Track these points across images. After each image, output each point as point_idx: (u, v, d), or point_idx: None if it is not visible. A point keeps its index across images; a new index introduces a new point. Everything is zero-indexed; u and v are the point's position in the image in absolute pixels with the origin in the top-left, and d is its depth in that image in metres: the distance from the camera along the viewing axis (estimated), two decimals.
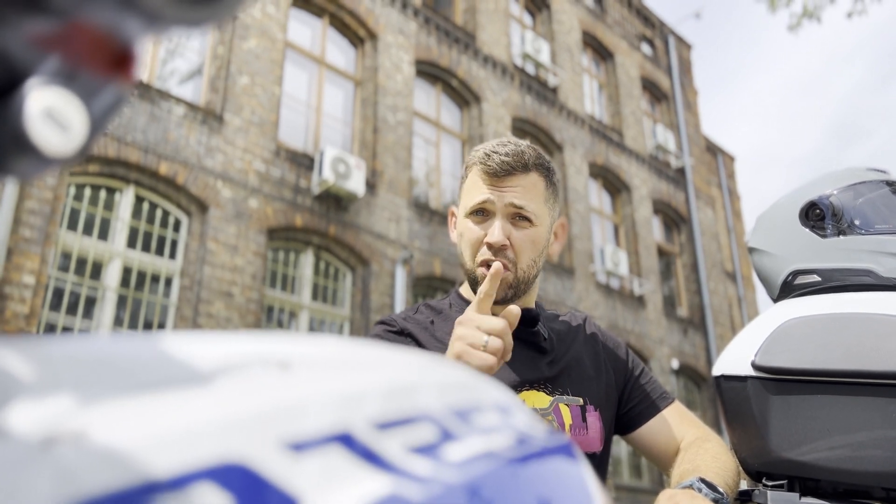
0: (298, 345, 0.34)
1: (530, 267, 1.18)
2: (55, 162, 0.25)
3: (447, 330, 1.17)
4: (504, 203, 1.15)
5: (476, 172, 1.20)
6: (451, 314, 1.22)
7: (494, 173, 1.16)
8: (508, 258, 1.15)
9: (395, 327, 1.18)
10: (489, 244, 1.14)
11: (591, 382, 1.22)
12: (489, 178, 1.17)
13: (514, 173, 1.17)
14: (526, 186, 1.17)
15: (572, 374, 1.20)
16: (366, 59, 9.55)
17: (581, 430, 1.15)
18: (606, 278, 11.88)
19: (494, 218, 1.16)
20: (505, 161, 1.16)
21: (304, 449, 0.26)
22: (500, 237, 1.14)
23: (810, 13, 8.13)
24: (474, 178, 1.20)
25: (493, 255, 1.15)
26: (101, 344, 0.29)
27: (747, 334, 1.24)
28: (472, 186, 1.20)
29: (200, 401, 0.26)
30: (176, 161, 7.03)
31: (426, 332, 1.18)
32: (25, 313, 5.72)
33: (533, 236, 1.18)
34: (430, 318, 1.21)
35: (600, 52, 14.38)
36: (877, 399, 1.04)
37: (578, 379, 1.20)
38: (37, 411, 0.23)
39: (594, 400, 1.19)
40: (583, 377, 1.21)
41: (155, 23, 0.23)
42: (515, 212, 1.16)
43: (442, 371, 0.38)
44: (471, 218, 1.18)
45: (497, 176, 1.16)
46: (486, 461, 0.33)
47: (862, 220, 1.23)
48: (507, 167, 1.16)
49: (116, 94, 0.25)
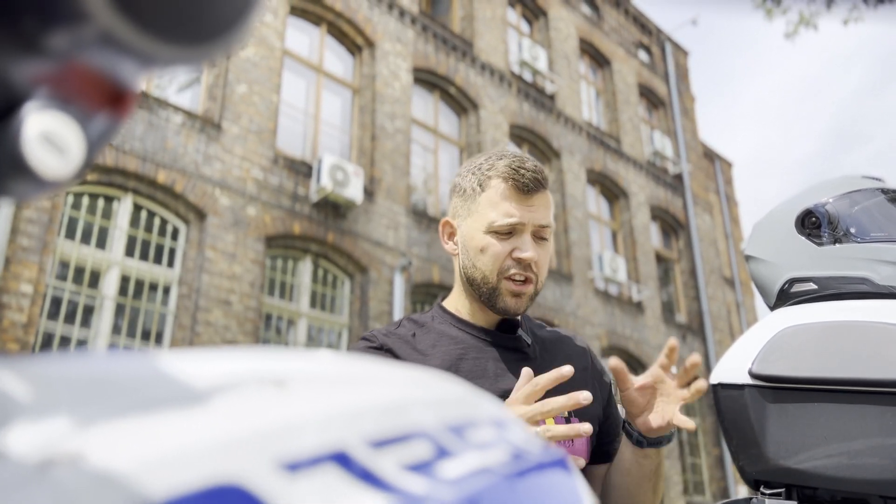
0: (294, 362, 0.34)
1: (544, 281, 1.22)
2: (52, 185, 0.25)
3: (429, 342, 1.18)
4: (535, 223, 1.17)
5: (501, 187, 1.18)
6: (433, 326, 1.22)
7: (526, 189, 1.17)
8: (532, 272, 1.17)
9: (375, 343, 1.18)
10: (521, 259, 1.15)
11: None
12: (519, 194, 1.17)
13: (540, 190, 1.18)
14: (547, 205, 1.20)
15: (560, 387, 1.20)
16: (364, 66, 9.57)
17: (566, 443, 1.14)
18: (605, 285, 11.88)
19: (521, 235, 1.17)
20: (535, 178, 1.17)
21: (299, 469, 0.26)
22: (534, 254, 1.16)
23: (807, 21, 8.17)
24: (500, 192, 1.17)
25: (522, 270, 1.16)
26: (97, 363, 0.29)
27: (744, 343, 1.24)
28: (496, 202, 1.17)
29: (196, 421, 0.26)
30: (174, 169, 7.03)
31: (407, 345, 1.18)
32: (23, 322, 5.71)
33: (550, 252, 1.22)
34: (411, 332, 1.21)
35: (597, 59, 14.42)
36: (874, 407, 1.04)
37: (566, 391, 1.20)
38: (34, 433, 0.23)
39: (580, 413, 1.18)
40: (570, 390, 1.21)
41: (150, 63, 0.24)
42: (541, 230, 1.18)
43: (436, 387, 0.38)
44: (494, 235, 1.17)
45: (526, 192, 1.17)
46: (481, 477, 0.33)
47: (858, 229, 1.24)
48: (536, 184, 1.17)
49: (113, 120, 0.26)
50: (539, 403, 0.97)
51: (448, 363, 1.15)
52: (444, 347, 1.17)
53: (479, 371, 1.15)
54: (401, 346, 1.18)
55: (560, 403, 0.96)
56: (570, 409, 0.97)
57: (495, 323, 1.23)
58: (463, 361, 1.15)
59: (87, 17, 0.22)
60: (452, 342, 1.19)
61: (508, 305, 1.17)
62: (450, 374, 1.14)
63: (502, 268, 1.16)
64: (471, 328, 1.22)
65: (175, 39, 0.23)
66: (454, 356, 1.16)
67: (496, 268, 1.17)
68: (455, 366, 1.15)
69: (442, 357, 1.16)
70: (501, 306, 1.17)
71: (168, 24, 0.23)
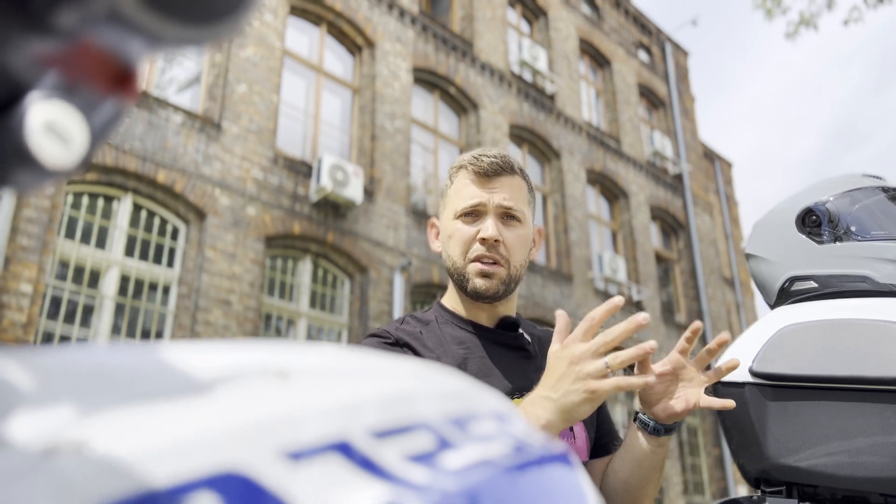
0: (296, 354, 0.34)
1: (521, 265, 1.21)
2: (56, 175, 0.25)
3: (435, 341, 1.19)
4: (495, 203, 1.19)
5: (464, 175, 1.23)
6: (437, 325, 1.23)
7: (485, 173, 1.20)
8: (501, 255, 1.18)
9: (390, 339, 1.18)
10: (483, 239, 1.17)
11: None
12: (479, 178, 1.21)
13: (503, 174, 1.21)
14: (513, 188, 1.21)
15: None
16: (363, 66, 9.57)
17: (569, 439, 1.15)
18: (605, 285, 11.89)
19: (485, 217, 1.19)
20: (494, 162, 1.20)
21: (302, 458, 0.27)
22: (494, 231, 1.16)
23: (807, 21, 8.17)
24: (463, 181, 1.23)
25: (486, 251, 1.17)
26: (101, 354, 0.29)
27: (744, 341, 1.24)
28: (460, 189, 1.22)
29: (199, 410, 0.26)
30: (174, 169, 7.03)
31: (417, 341, 1.18)
32: (23, 322, 5.71)
33: (523, 235, 1.21)
34: (418, 329, 1.22)
35: (597, 59, 14.43)
36: (874, 405, 1.04)
37: None
38: (37, 422, 0.23)
39: None
40: None
41: (156, 43, 0.24)
42: (505, 211, 1.20)
43: (439, 379, 0.38)
44: (461, 219, 1.21)
45: (487, 176, 1.20)
46: (483, 469, 0.33)
47: (858, 227, 1.24)
48: (496, 167, 1.20)
49: (117, 107, 0.26)
50: (600, 335, 0.93)
51: (455, 364, 1.15)
52: (450, 348, 1.18)
53: (485, 370, 1.15)
54: (413, 341, 1.18)
55: (622, 329, 0.92)
56: (639, 358, 0.94)
57: (495, 320, 1.24)
58: (469, 362, 1.16)
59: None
60: (457, 342, 1.19)
61: (478, 287, 1.17)
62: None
63: (469, 251, 1.18)
64: (473, 327, 1.22)
65: (182, 18, 0.23)
66: (460, 356, 1.16)
67: (463, 251, 1.19)
68: (462, 366, 1.15)
69: (449, 358, 1.16)
70: (471, 289, 1.18)
71: (176, 3, 0.23)
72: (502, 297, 1.20)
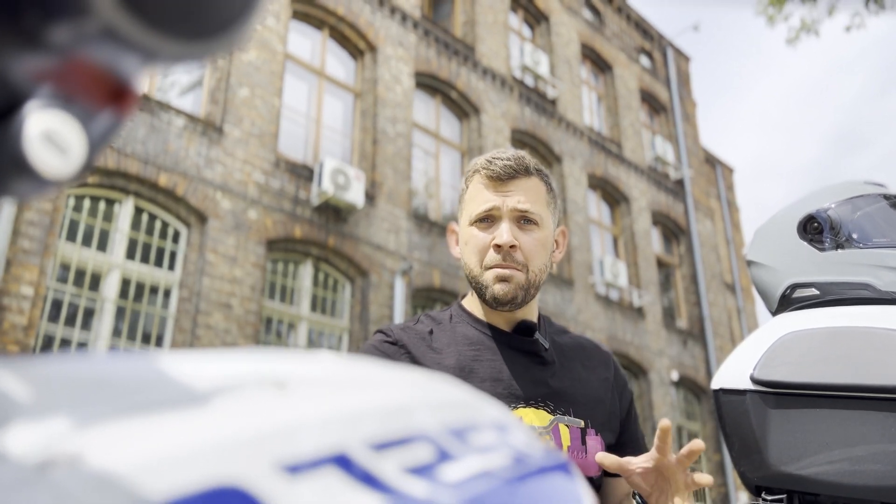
0: (295, 364, 0.34)
1: (542, 270, 1.18)
2: (54, 184, 0.25)
3: (445, 340, 1.17)
4: (510, 207, 1.15)
5: (478, 180, 1.19)
6: (450, 325, 1.21)
7: (498, 177, 1.16)
8: (517, 261, 1.14)
9: (391, 338, 1.17)
10: (497, 246, 1.13)
11: (597, 405, 1.19)
12: (493, 183, 1.17)
13: (517, 177, 1.17)
14: (529, 190, 1.17)
15: (577, 394, 1.18)
16: (365, 70, 9.59)
17: (580, 453, 1.13)
18: (606, 290, 11.87)
19: (500, 223, 1.15)
20: (508, 165, 1.16)
21: (299, 471, 0.26)
22: (508, 238, 1.13)
23: (808, 27, 8.18)
24: (477, 186, 1.19)
25: (501, 259, 1.14)
26: (98, 364, 0.29)
27: (746, 348, 1.24)
28: (475, 194, 1.19)
29: (196, 422, 0.26)
30: (175, 172, 7.04)
31: (423, 342, 1.16)
32: (24, 325, 5.70)
33: (541, 239, 1.17)
34: (429, 328, 1.20)
35: (599, 64, 14.44)
36: (876, 413, 1.04)
37: (584, 399, 1.18)
38: (33, 434, 0.23)
39: (597, 423, 1.16)
40: (588, 398, 1.18)
41: (152, 59, 0.23)
42: (521, 215, 1.16)
43: (438, 389, 0.38)
44: (476, 226, 1.17)
45: (501, 180, 1.17)
46: (483, 481, 0.33)
47: (860, 234, 1.23)
48: (510, 171, 1.16)
49: (115, 118, 0.26)
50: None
51: (463, 363, 1.13)
52: (460, 347, 1.16)
53: (493, 373, 1.13)
54: (416, 342, 1.16)
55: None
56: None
57: (513, 325, 1.20)
58: (477, 363, 1.14)
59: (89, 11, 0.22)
60: (468, 342, 1.17)
61: (496, 292, 1.13)
62: (464, 374, 1.12)
63: (485, 258, 1.15)
64: (488, 329, 1.19)
65: (178, 35, 0.23)
66: (469, 357, 1.14)
67: (479, 259, 1.16)
68: (469, 367, 1.13)
69: (457, 357, 1.14)
70: (490, 296, 1.14)
71: (171, 20, 0.22)
72: (522, 303, 1.16)
